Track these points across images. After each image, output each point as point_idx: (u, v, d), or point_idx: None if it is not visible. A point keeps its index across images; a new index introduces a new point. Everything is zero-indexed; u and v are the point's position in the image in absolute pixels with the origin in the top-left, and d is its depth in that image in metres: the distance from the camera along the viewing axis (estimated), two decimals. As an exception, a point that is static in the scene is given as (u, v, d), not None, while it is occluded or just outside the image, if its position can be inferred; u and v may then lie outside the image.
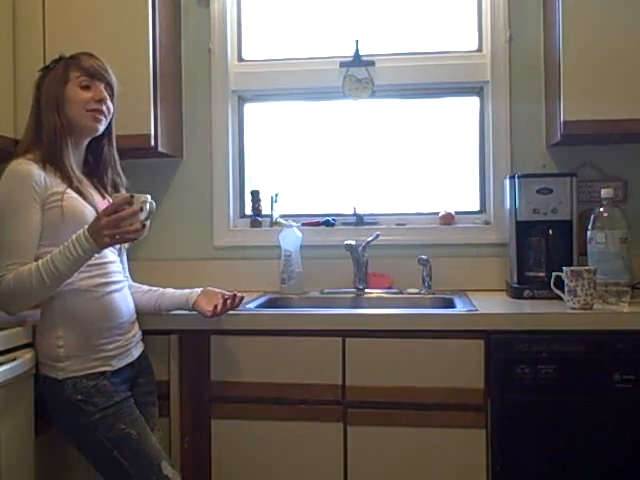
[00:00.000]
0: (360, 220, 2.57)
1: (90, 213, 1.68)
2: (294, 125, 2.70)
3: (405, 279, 2.44)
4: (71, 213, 1.67)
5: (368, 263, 2.44)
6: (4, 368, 1.62)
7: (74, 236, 1.60)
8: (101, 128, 1.79)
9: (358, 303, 2.37)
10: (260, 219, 2.62)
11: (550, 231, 2.22)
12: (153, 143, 2.30)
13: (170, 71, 2.50)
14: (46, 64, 1.81)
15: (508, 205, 2.29)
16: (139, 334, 1.87)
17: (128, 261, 1.95)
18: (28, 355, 1.72)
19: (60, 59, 1.78)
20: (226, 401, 1.97)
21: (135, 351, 1.82)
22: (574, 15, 2.13)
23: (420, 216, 2.59)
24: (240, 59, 2.68)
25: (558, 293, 1.99)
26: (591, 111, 2.12)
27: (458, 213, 2.55)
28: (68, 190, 1.69)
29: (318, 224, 2.59)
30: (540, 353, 1.84)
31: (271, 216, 2.60)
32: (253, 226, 2.63)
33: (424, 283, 2.39)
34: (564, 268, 1.96)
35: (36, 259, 1.63)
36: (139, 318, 1.87)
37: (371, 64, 2.54)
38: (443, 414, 1.88)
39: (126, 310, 1.79)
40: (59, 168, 1.70)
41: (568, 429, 1.83)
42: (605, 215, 2.09)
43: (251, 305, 2.17)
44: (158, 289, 1.96)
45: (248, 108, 2.70)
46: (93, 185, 1.82)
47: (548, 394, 1.84)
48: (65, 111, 1.73)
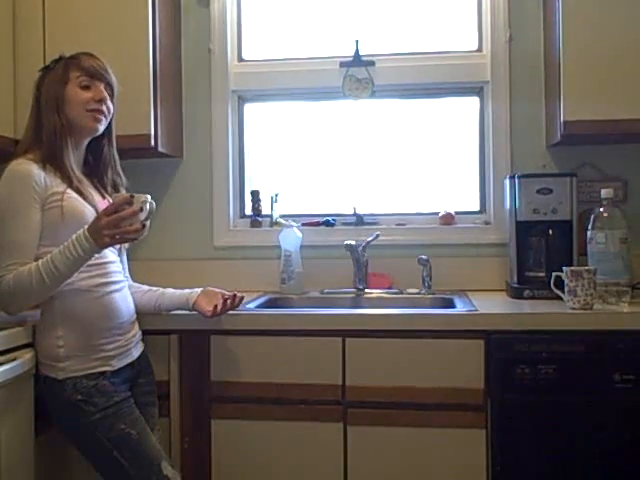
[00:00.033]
0: (360, 220, 2.57)
1: (90, 213, 1.68)
2: (294, 125, 2.70)
3: (405, 279, 2.44)
4: (71, 213, 1.67)
5: (368, 263, 2.44)
6: (4, 368, 1.62)
7: (74, 236, 1.60)
8: (101, 128, 1.79)
9: (358, 303, 2.37)
10: (260, 219, 2.62)
11: (550, 231, 2.22)
12: (153, 143, 2.30)
13: (170, 71, 2.50)
14: (46, 64, 1.81)
15: (508, 205, 2.29)
16: (139, 334, 1.87)
17: (128, 261, 1.95)
18: (28, 355, 1.72)
19: (60, 59, 1.78)
20: (226, 401, 1.97)
21: (135, 351, 1.82)
22: (574, 15, 2.13)
23: (420, 216, 2.59)
24: (240, 59, 2.68)
25: (558, 293, 1.99)
26: (591, 111, 2.12)
27: (458, 213, 2.55)
28: (68, 190, 1.69)
29: (318, 224, 2.59)
30: (540, 353, 1.84)
31: (271, 216, 2.60)
32: (253, 226, 2.63)
33: (424, 283, 2.39)
34: (564, 268, 1.96)
35: (36, 259, 1.63)
36: (139, 318, 1.87)
37: (371, 64, 2.54)
38: (443, 414, 1.88)
39: (126, 310, 1.79)
40: (59, 168, 1.70)
41: (568, 429, 1.83)
42: (605, 215, 2.09)
43: (251, 305, 2.17)
44: (158, 289, 1.96)
45: (248, 108, 2.70)
46: (93, 185, 1.82)
47: (548, 394, 1.84)
48: (65, 111, 1.73)
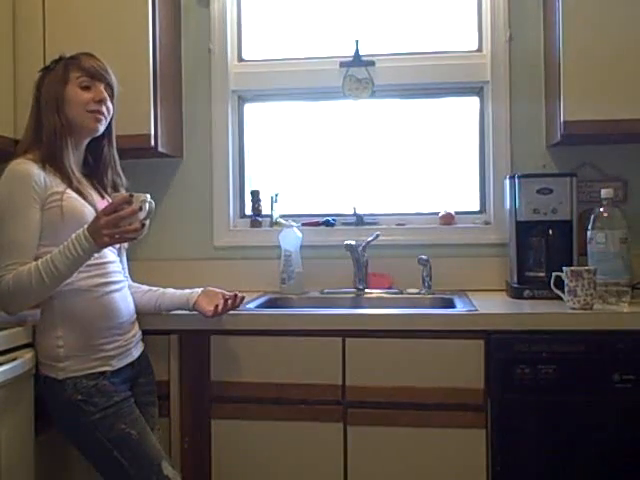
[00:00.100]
0: (360, 220, 2.57)
1: (90, 213, 1.68)
2: (294, 125, 2.69)
3: (405, 279, 2.44)
4: (71, 213, 1.67)
5: (368, 263, 2.44)
6: (4, 368, 1.62)
7: (73, 236, 1.60)
8: (101, 128, 1.79)
9: (358, 303, 2.37)
10: (260, 219, 2.62)
11: (550, 231, 2.22)
12: (153, 143, 2.30)
13: (170, 71, 2.50)
14: (46, 64, 1.81)
15: (508, 205, 2.29)
16: (139, 334, 1.87)
17: (128, 261, 1.95)
18: (28, 355, 1.72)
19: (60, 59, 1.78)
20: (226, 401, 1.97)
21: (135, 351, 1.82)
22: (574, 15, 2.13)
23: (420, 216, 2.59)
24: (240, 59, 2.68)
25: (558, 293, 1.99)
26: (591, 111, 2.12)
27: (458, 213, 2.55)
28: (68, 190, 1.69)
29: (318, 224, 2.59)
30: (540, 353, 1.84)
31: (271, 216, 2.60)
32: (253, 226, 2.63)
33: (424, 283, 2.39)
34: (564, 268, 1.96)
35: (36, 259, 1.63)
36: (139, 318, 1.87)
37: (371, 64, 2.54)
38: (443, 414, 1.88)
39: (126, 310, 1.79)
40: (59, 168, 1.70)
41: (568, 429, 1.83)
42: (605, 215, 2.08)
43: (251, 305, 2.17)
44: (158, 289, 1.96)
45: (248, 108, 2.70)
46: (93, 185, 1.82)
47: (548, 394, 1.84)
48: (65, 111, 1.73)
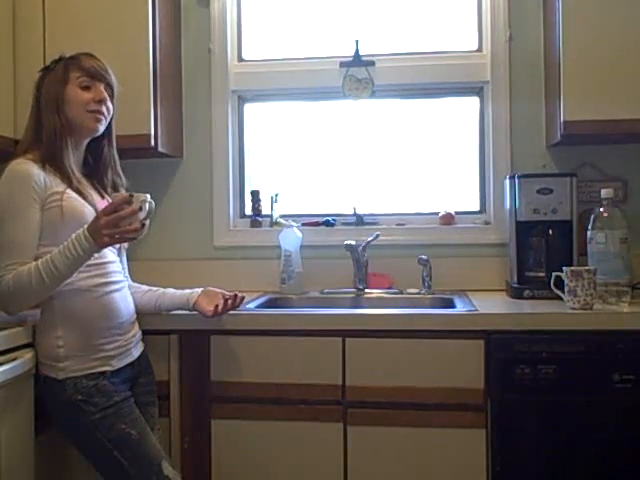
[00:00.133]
0: (360, 220, 2.57)
1: (90, 213, 1.68)
2: (294, 125, 2.69)
3: (405, 279, 2.44)
4: (71, 213, 1.67)
5: (368, 263, 2.44)
6: (4, 368, 1.62)
7: (73, 236, 1.60)
8: (101, 129, 1.79)
9: (358, 303, 2.37)
10: (260, 219, 2.62)
11: (550, 231, 2.22)
12: (153, 143, 2.30)
13: (170, 71, 2.50)
14: (46, 64, 1.81)
15: (508, 205, 2.29)
16: (139, 334, 1.87)
17: (128, 261, 1.95)
18: (28, 355, 1.72)
19: (60, 59, 1.78)
20: (226, 401, 1.97)
21: (135, 351, 1.82)
22: (574, 15, 2.13)
23: (420, 216, 2.59)
24: (240, 59, 2.68)
25: (558, 293, 1.99)
26: (591, 111, 2.12)
27: (458, 213, 2.55)
28: (68, 190, 1.69)
29: (318, 224, 2.59)
30: (540, 353, 1.84)
31: (271, 216, 2.60)
32: (253, 226, 2.63)
33: (424, 283, 2.39)
34: (564, 268, 1.96)
35: (36, 259, 1.63)
36: (139, 318, 1.87)
37: (371, 64, 2.54)
38: (443, 414, 1.88)
39: (126, 310, 1.79)
40: (59, 168, 1.70)
41: (568, 429, 1.83)
42: (605, 215, 2.08)
43: (251, 305, 2.17)
44: (158, 289, 1.96)
45: (248, 108, 2.70)
46: (93, 186, 1.82)
47: (548, 394, 1.84)
48: (65, 111, 1.73)
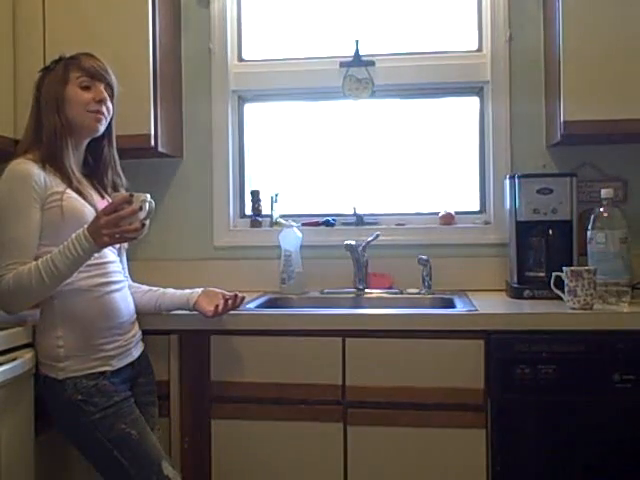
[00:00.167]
0: (360, 220, 2.57)
1: (90, 213, 1.68)
2: (294, 125, 2.69)
3: (405, 279, 2.44)
4: (71, 212, 1.67)
5: (368, 263, 2.44)
6: (4, 368, 1.62)
7: (73, 235, 1.60)
8: (101, 129, 1.79)
9: (358, 303, 2.37)
10: (260, 219, 2.62)
11: (550, 231, 2.22)
12: (153, 143, 2.30)
13: (170, 71, 2.50)
14: (46, 64, 1.81)
15: (508, 205, 2.29)
16: (139, 334, 1.87)
17: (128, 261, 1.95)
18: (28, 355, 1.72)
19: (60, 60, 1.79)
20: (226, 401, 1.97)
21: (135, 351, 1.82)
22: (574, 15, 2.13)
23: (420, 216, 2.59)
24: (240, 59, 2.68)
25: (558, 293, 1.99)
26: (591, 111, 2.12)
27: (458, 213, 2.55)
28: (68, 190, 1.69)
29: (318, 224, 2.59)
30: (540, 353, 1.84)
31: (271, 216, 2.60)
32: (253, 226, 2.63)
33: (424, 283, 2.39)
34: (564, 268, 1.96)
35: (36, 259, 1.63)
36: (139, 318, 1.87)
37: (371, 64, 2.54)
38: (443, 414, 1.88)
39: (126, 310, 1.79)
40: (59, 168, 1.70)
41: (568, 429, 1.83)
42: (605, 215, 2.08)
43: (251, 305, 2.17)
44: (158, 289, 1.96)
45: (248, 108, 2.70)
46: (93, 186, 1.82)
47: (548, 394, 1.84)
48: (65, 112, 1.73)
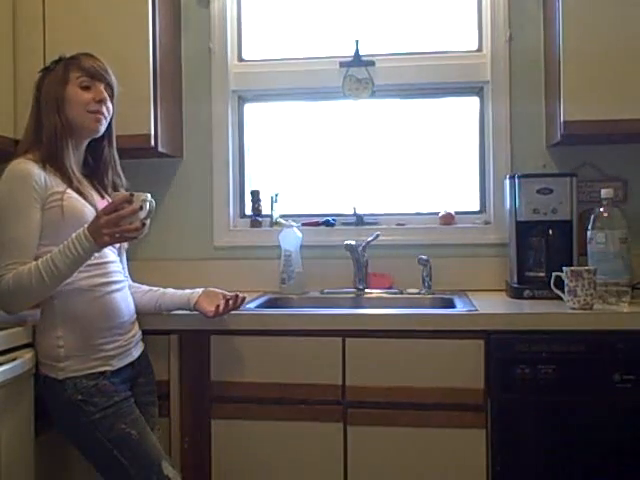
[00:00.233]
0: (360, 220, 2.57)
1: (90, 212, 1.68)
2: (294, 125, 2.69)
3: (405, 279, 2.44)
4: (71, 212, 1.67)
5: (368, 263, 2.44)
6: (4, 368, 1.62)
7: (74, 235, 1.60)
8: (101, 129, 1.79)
9: (358, 303, 2.37)
10: (260, 219, 2.62)
11: (550, 231, 2.22)
12: (153, 143, 2.30)
13: (170, 71, 2.50)
14: (46, 65, 1.81)
15: (508, 205, 2.29)
16: (139, 334, 1.87)
17: (128, 261, 1.95)
18: (28, 355, 1.72)
19: (60, 60, 1.79)
20: (226, 401, 1.97)
21: (135, 351, 1.82)
22: (574, 15, 2.13)
23: (420, 216, 2.59)
24: (240, 59, 2.68)
25: (558, 293, 1.99)
26: (591, 111, 2.12)
27: (458, 213, 2.55)
28: (68, 190, 1.69)
29: (318, 224, 2.59)
30: (540, 353, 1.84)
31: (271, 216, 2.60)
32: (253, 226, 2.63)
33: (424, 283, 2.39)
34: (564, 268, 1.96)
35: (36, 259, 1.63)
36: (139, 318, 1.87)
37: (371, 64, 2.54)
38: (443, 414, 1.88)
39: (126, 310, 1.79)
40: (59, 169, 1.70)
41: (568, 429, 1.83)
42: (605, 215, 2.08)
43: (251, 305, 2.17)
44: (158, 289, 1.96)
45: (248, 108, 2.70)
46: (93, 186, 1.82)
47: (548, 394, 1.84)
48: (65, 112, 1.73)
